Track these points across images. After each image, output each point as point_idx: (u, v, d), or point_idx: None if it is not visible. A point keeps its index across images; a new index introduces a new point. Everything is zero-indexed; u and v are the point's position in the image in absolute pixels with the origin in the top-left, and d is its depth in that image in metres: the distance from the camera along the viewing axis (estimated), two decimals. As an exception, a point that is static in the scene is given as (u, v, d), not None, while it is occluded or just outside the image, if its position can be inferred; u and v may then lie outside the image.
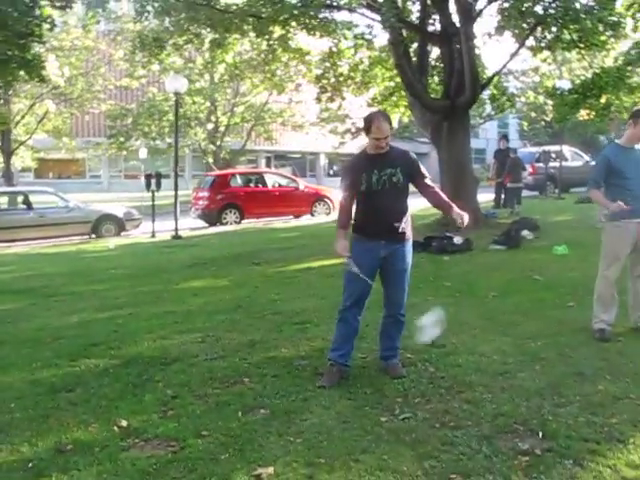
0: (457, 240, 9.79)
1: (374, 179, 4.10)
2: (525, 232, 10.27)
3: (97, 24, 19.85)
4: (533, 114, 31.06)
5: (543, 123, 32.47)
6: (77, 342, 5.53)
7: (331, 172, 47.54)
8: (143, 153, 22.84)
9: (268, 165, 41.39)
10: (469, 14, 10.76)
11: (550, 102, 26.07)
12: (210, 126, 25.72)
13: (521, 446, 3.19)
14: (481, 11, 11.32)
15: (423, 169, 4.28)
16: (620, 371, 4.17)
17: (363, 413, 3.69)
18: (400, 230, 4.19)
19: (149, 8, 13.61)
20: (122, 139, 26.22)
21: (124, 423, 3.68)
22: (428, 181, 4.26)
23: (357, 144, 40.03)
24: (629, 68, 12.44)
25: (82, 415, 3.86)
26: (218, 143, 26.11)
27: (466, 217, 4.13)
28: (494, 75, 12.47)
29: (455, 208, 4.18)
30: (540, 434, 3.30)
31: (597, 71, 12.03)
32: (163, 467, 3.14)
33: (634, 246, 4.87)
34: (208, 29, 13.96)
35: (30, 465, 3.25)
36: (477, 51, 11.12)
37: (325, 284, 7.50)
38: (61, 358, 5.06)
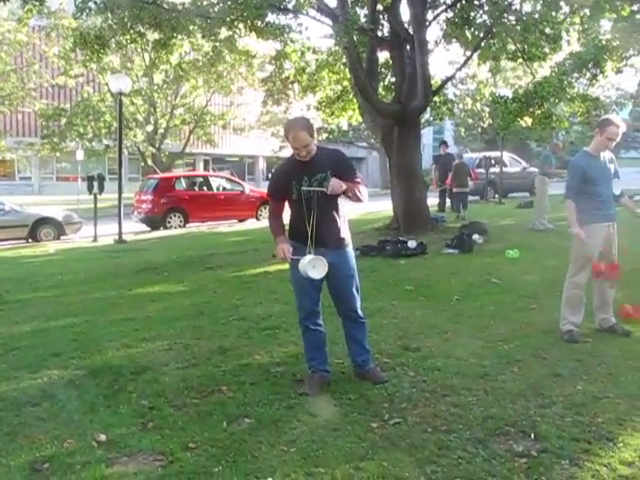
0: (411, 244, 9.93)
1: (304, 186, 3.97)
2: (476, 236, 10.46)
3: (32, 17, 19.05)
4: (470, 121, 31.86)
5: (480, 130, 33.35)
6: (34, 352, 5.25)
7: (269, 176, 47.39)
8: (80, 155, 22.08)
9: (206, 168, 40.84)
10: (422, 20, 10.91)
11: (487, 109, 26.92)
12: (149, 128, 25.13)
13: (516, 448, 3.21)
14: (435, 17, 11.51)
15: (353, 167, 4.16)
16: (595, 371, 4.27)
17: (352, 420, 3.64)
18: (340, 235, 4.10)
19: (91, 4, 13.16)
20: (56, 140, 25.29)
21: (103, 437, 3.50)
22: (358, 179, 4.10)
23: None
24: (570, 79, 12.91)
25: (54, 430, 3.64)
26: (157, 145, 25.54)
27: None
28: (446, 81, 12.69)
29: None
30: (532, 435, 3.33)
31: (539, 80, 12.39)
32: (154, 483, 2.99)
33: (603, 249, 5.01)
34: (153, 28, 13.60)
35: (6, 486, 3.04)
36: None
37: (286, 289, 7.33)
38: (20, 370, 4.79)
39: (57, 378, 4.57)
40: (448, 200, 16.22)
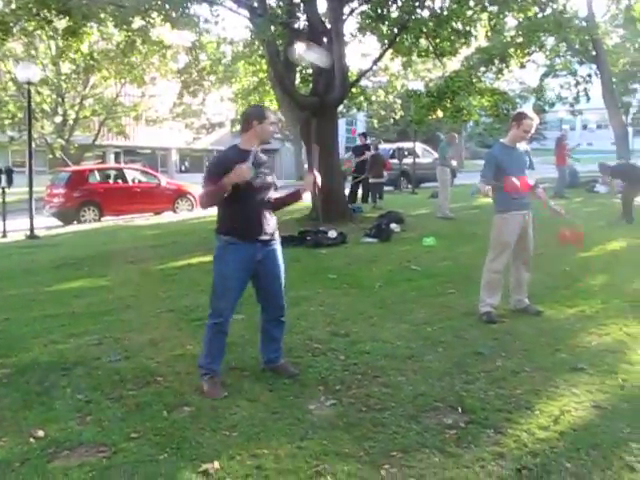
0: (331, 234, 10.14)
1: (252, 174, 3.86)
2: (393, 225, 10.82)
3: None
4: (382, 112, 32.55)
5: (392, 121, 34.12)
6: (-48, 352, 5.04)
7: (183, 168, 46.59)
8: (-18, 146, 20.98)
9: (117, 161, 39.63)
10: (339, 14, 11.11)
11: (399, 101, 27.59)
12: (58, 119, 24.15)
13: (446, 421, 3.45)
14: (352, 11, 11.74)
15: None
16: (512, 348, 4.61)
17: (290, 403, 3.77)
18: (273, 230, 4.10)
19: (-8, -14, 12.55)
20: (-46, 131, 23.88)
21: (41, 433, 3.46)
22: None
23: (211, 139, 39.60)
24: (477, 73, 13.52)
25: (-14, 429, 3.57)
26: (66, 137, 24.59)
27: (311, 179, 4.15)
28: (363, 74, 12.99)
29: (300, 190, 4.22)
30: (459, 409, 3.58)
31: (450, 75, 12.92)
32: (101, 474, 3.02)
33: (519, 236, 5.36)
34: (61, 15, 13.09)
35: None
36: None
37: (210, 280, 7.41)
38: (-61, 371, 4.60)
39: (-18, 377, 4.43)
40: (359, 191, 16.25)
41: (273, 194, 4.15)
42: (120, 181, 17.47)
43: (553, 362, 4.30)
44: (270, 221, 4.07)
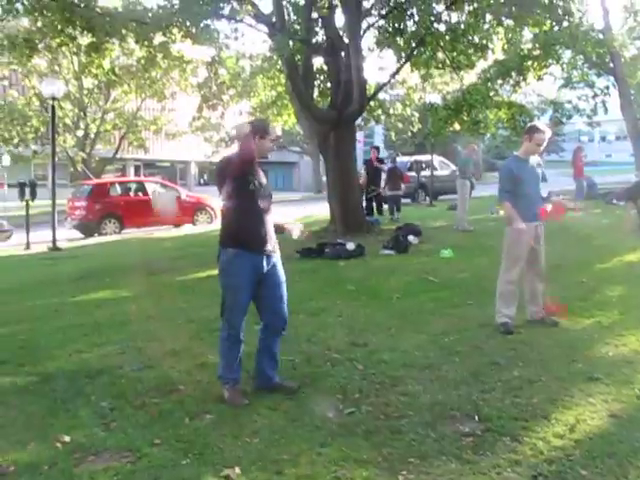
0: (350, 246, 10.23)
1: (257, 183, 3.98)
2: (411, 237, 10.88)
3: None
4: (400, 125, 32.58)
5: (410, 134, 34.18)
6: (-21, 361, 5.19)
7: (202, 181, 47.08)
8: (6, 160, 21.37)
9: (137, 174, 40.11)
10: (357, 29, 11.27)
11: (417, 114, 27.73)
12: (80, 133, 24.58)
13: (462, 429, 3.50)
14: (369, 26, 11.89)
15: None
16: (528, 358, 4.64)
17: (309, 411, 3.84)
18: (274, 242, 4.11)
19: (18, 6, 12.85)
20: (-21, 145, 24.40)
21: (67, 439, 3.56)
22: None
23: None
24: (495, 86, 13.58)
25: (14, 435, 3.67)
26: (87, 151, 25.01)
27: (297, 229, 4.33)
28: (380, 87, 13.11)
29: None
30: (476, 417, 3.63)
31: (468, 89, 13.00)
32: (126, 478, 3.11)
33: (531, 247, 5.41)
34: (84, 32, 13.39)
35: (-27, 491, 3.08)
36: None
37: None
38: (-33, 378, 4.74)
39: (9, 385, 4.56)
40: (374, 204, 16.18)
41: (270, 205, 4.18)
42: (141, 194, 17.73)
43: (569, 372, 4.33)
44: (272, 233, 4.12)
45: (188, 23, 12.03)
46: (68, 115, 24.68)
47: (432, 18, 11.19)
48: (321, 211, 15.96)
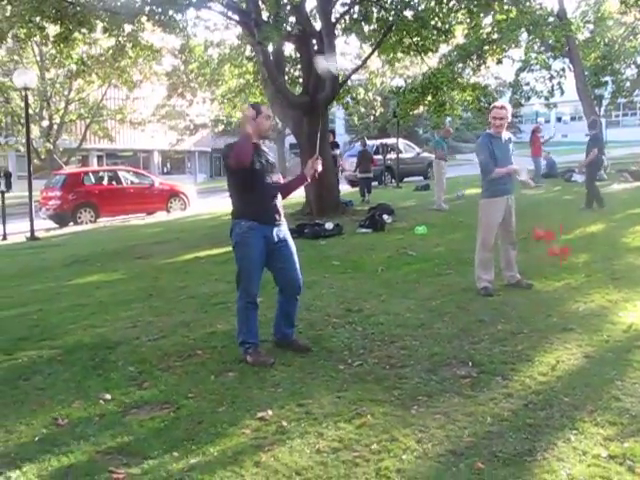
0: (328, 226, 10.70)
1: (263, 160, 4.38)
2: (385, 216, 11.39)
3: None
4: (362, 109, 33.08)
5: (372, 118, 34.75)
6: None
7: (165, 170, 46.87)
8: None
9: (100, 164, 39.76)
10: (329, 17, 11.64)
11: (379, 98, 28.21)
12: (45, 123, 24.39)
13: (460, 373, 4.01)
14: (343, 14, 12.28)
15: None
16: (509, 316, 5.19)
17: (321, 365, 4.31)
18: (282, 213, 4.52)
19: (-13, -6, 12.86)
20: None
21: (108, 396, 3.96)
22: None
23: (194, 140, 39.75)
24: (456, 69, 14.15)
25: (58, 396, 4.03)
26: (53, 141, 24.83)
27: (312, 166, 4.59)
28: (351, 73, 13.53)
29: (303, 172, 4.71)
30: (470, 363, 4.15)
31: (433, 71, 13.53)
32: (172, 423, 3.53)
33: (503, 218, 5.95)
34: (54, 22, 13.42)
35: (37, 439, 3.44)
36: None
37: (222, 270, 7.89)
38: (-6, 353, 5.05)
39: (37, 357, 4.89)
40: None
41: (280, 178, 4.63)
42: (115, 182, 17.85)
43: (546, 325, 4.89)
44: (280, 205, 4.55)
45: (160, 10, 12.19)
46: (31, 106, 24.37)
47: (403, 5, 11.64)
48: (294, 194, 16.37)
